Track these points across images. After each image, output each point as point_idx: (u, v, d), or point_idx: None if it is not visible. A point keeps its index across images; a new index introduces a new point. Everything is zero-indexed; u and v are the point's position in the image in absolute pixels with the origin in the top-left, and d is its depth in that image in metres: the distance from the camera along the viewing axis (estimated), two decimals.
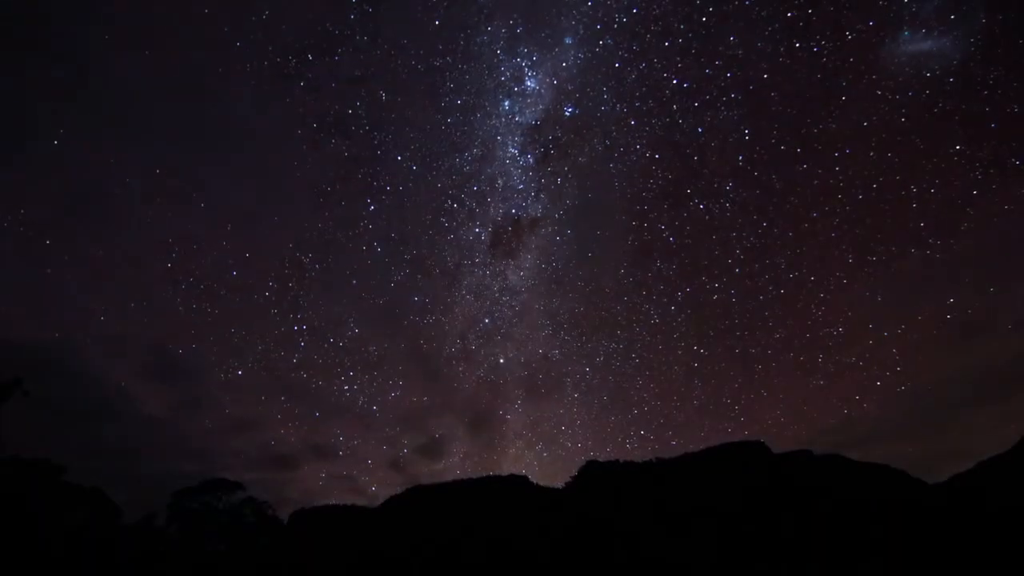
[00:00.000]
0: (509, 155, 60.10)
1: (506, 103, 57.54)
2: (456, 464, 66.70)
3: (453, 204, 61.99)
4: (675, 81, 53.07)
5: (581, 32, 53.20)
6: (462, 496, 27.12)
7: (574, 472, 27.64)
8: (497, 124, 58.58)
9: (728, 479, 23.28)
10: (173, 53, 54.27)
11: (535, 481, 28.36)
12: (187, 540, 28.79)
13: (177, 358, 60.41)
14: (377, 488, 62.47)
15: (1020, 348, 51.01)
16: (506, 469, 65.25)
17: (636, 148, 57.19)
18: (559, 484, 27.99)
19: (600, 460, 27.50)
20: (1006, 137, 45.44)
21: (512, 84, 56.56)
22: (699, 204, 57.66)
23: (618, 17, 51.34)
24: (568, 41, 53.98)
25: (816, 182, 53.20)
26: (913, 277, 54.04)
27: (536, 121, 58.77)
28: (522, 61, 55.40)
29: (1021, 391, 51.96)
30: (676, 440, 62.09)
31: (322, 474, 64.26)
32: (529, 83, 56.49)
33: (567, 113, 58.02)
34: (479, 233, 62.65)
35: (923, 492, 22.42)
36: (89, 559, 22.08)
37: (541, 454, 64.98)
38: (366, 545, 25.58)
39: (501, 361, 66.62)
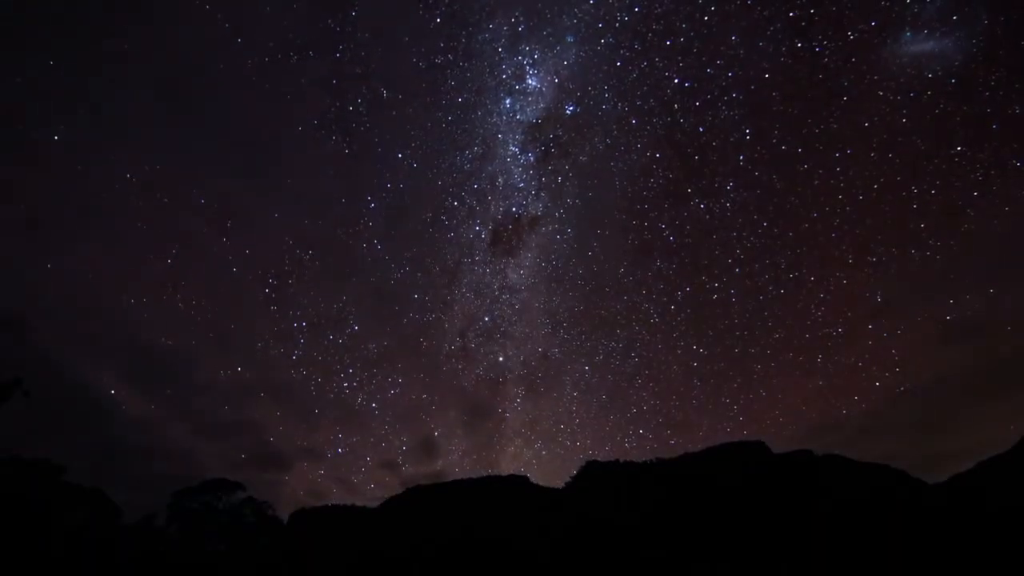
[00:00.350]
0: (510, 153, 60.21)
1: (507, 101, 57.61)
2: (455, 462, 66.88)
3: (453, 202, 62.16)
4: (676, 80, 53.11)
5: (583, 30, 53.26)
6: (462, 496, 27.13)
7: (574, 471, 27.76)
8: (498, 122, 58.66)
9: (728, 479, 23.27)
10: (173, 51, 54.30)
11: (535, 480, 28.45)
12: (187, 540, 28.79)
13: (177, 356, 60.57)
14: (375, 486, 62.77)
15: (1020, 348, 51.14)
16: (505, 468, 65.61)
17: (637, 147, 57.29)
18: (559, 484, 28.11)
19: (600, 460, 27.58)
20: (1007, 138, 45.57)
21: (513, 82, 56.64)
22: (699, 204, 57.74)
23: (620, 16, 51.40)
24: (570, 39, 54.02)
25: (816, 182, 53.28)
26: (913, 277, 54.08)
27: (537, 119, 58.85)
28: (523, 59, 55.48)
29: (1021, 391, 52.11)
30: (676, 440, 62.28)
31: (321, 472, 64.43)
32: (530, 81, 56.56)
33: (568, 111, 58.08)
34: (479, 231, 62.81)
35: (923, 492, 22.42)
36: (89, 559, 22.07)
37: (540, 452, 65.16)
38: (366, 545, 25.59)
39: (501, 359, 66.83)
